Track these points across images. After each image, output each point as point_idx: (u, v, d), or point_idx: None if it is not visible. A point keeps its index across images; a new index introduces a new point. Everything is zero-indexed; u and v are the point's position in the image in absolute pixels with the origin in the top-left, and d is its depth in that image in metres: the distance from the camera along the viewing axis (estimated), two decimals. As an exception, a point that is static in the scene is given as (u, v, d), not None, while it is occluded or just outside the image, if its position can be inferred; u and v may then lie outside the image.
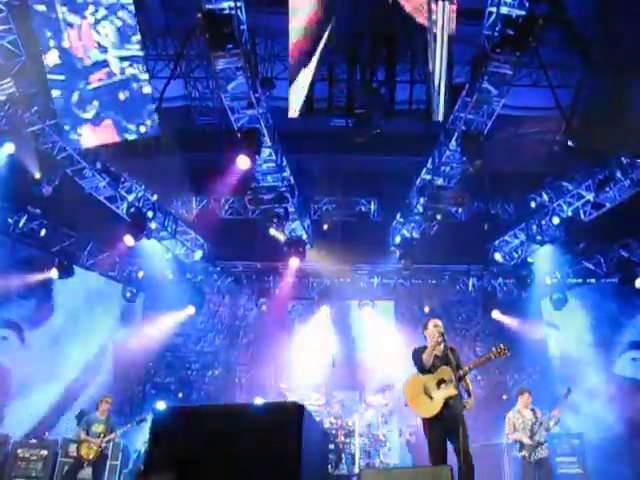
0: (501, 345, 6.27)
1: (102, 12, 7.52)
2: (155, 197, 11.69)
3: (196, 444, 3.53)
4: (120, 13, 7.47)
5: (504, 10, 7.59)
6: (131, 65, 7.91)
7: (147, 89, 7.98)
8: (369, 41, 9.12)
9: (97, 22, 7.59)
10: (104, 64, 7.91)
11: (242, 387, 13.50)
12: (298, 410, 3.61)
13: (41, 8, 7.76)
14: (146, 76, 7.86)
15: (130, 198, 11.16)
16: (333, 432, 10.03)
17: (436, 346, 6.25)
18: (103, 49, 7.83)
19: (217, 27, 7.49)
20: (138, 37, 7.59)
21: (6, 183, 9.88)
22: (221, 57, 8.01)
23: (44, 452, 10.22)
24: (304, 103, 9.52)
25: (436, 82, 8.67)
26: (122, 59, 7.87)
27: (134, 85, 8.04)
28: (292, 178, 11.16)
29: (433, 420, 6.10)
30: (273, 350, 13.70)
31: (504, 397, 12.63)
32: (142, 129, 8.26)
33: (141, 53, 7.80)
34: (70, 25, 7.67)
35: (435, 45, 8.26)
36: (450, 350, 6.29)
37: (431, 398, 6.14)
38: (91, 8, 7.48)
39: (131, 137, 9.12)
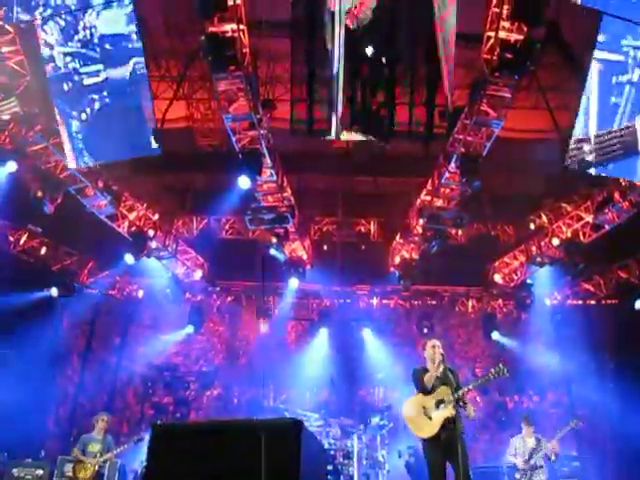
0: (500, 365, 6.26)
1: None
2: (156, 216, 11.75)
3: (195, 459, 3.53)
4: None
5: (502, 35, 7.69)
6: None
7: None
8: (370, 63, 9.21)
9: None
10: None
11: (241, 407, 13.41)
12: (297, 426, 3.61)
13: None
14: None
15: (131, 217, 11.21)
16: (332, 453, 9.94)
17: (438, 368, 6.24)
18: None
19: (220, 50, 7.61)
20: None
21: (8, 201, 9.94)
22: (223, 79, 8.13)
23: (39, 472, 10.09)
24: (305, 124, 9.62)
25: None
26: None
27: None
28: (292, 198, 11.22)
29: (432, 441, 6.06)
30: (272, 370, 13.64)
31: (503, 419, 12.55)
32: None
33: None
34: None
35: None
36: (449, 371, 6.29)
37: (430, 418, 6.10)
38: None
39: (134, 156, 9.19)
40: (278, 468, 3.43)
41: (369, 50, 8.54)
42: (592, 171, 8.54)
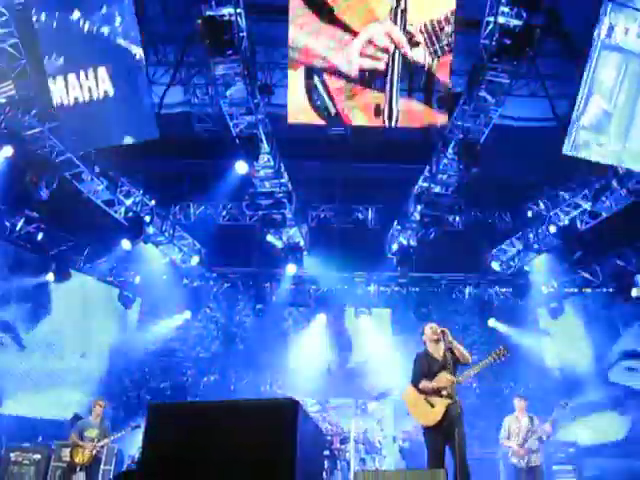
0: (500, 347, 6.29)
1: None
2: (153, 202, 11.72)
3: (191, 440, 3.54)
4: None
5: (502, 20, 7.64)
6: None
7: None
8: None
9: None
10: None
11: (237, 393, 13.45)
12: (293, 406, 3.62)
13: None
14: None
15: (128, 202, 11.17)
16: (329, 438, 10.01)
17: (438, 347, 6.33)
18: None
19: (217, 33, 7.56)
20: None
21: (4, 186, 9.89)
22: (220, 63, 8.08)
23: (37, 456, 10.17)
24: (303, 110, 9.58)
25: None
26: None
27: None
28: (290, 184, 11.19)
29: (434, 428, 6.05)
30: (269, 356, 13.70)
31: (499, 405, 12.59)
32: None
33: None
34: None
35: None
36: (450, 351, 6.30)
37: (432, 406, 6.09)
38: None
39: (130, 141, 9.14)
40: (274, 448, 3.44)
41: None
42: (590, 158, 8.53)
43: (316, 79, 9.01)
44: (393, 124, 9.12)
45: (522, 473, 8.22)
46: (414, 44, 8.61)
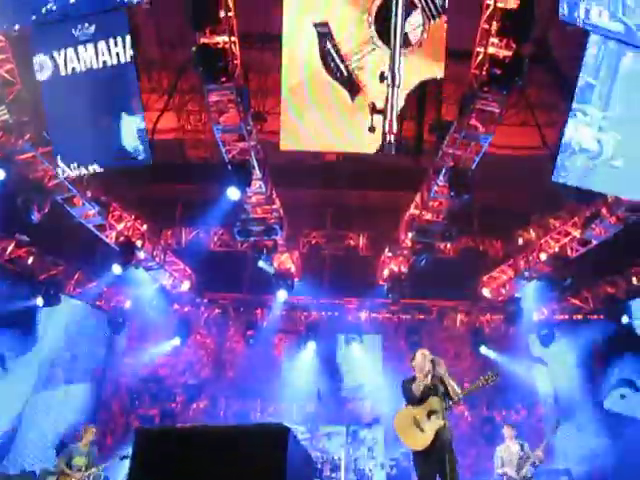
0: (489, 372, 6.28)
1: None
2: (145, 227, 11.71)
3: (179, 465, 3.50)
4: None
5: (491, 50, 7.80)
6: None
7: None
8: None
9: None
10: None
11: (227, 420, 13.31)
12: (283, 432, 3.59)
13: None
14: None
15: (119, 227, 11.15)
16: (319, 466, 9.90)
17: (426, 376, 6.28)
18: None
19: (211, 61, 7.63)
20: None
21: (-5, 209, 9.88)
22: (214, 90, 8.15)
23: (22, 484, 10.00)
24: (295, 137, 9.65)
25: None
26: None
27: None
28: (281, 210, 11.23)
29: (424, 453, 6.00)
30: (259, 383, 13.58)
31: (491, 434, 12.50)
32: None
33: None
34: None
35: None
36: (440, 381, 6.28)
37: (422, 430, 6.05)
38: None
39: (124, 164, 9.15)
40: (264, 474, 3.41)
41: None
42: (580, 186, 8.61)
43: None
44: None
45: None
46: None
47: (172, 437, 3.84)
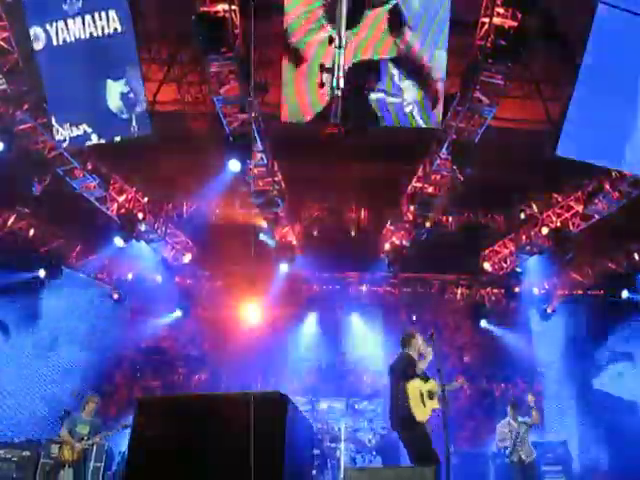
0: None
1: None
2: (146, 199, 11.67)
3: (179, 431, 3.53)
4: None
5: (497, 21, 7.66)
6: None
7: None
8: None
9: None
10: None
11: (228, 391, 13.41)
12: (282, 399, 3.62)
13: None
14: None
15: (120, 199, 11.12)
16: (319, 437, 10.00)
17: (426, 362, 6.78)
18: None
19: (211, 30, 7.52)
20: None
21: (-5, 181, 9.84)
22: (214, 60, 8.04)
23: (26, 453, 10.11)
24: (296, 109, 9.54)
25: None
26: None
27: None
28: (283, 183, 11.17)
29: (425, 425, 6.50)
30: (260, 355, 13.66)
31: (490, 407, 12.62)
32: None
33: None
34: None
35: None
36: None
37: (424, 406, 6.51)
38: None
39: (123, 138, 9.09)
40: (263, 441, 3.44)
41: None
42: (583, 160, 8.54)
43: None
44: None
45: (519, 469, 8.50)
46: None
47: (172, 405, 3.87)
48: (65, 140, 8.71)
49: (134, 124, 8.60)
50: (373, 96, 8.73)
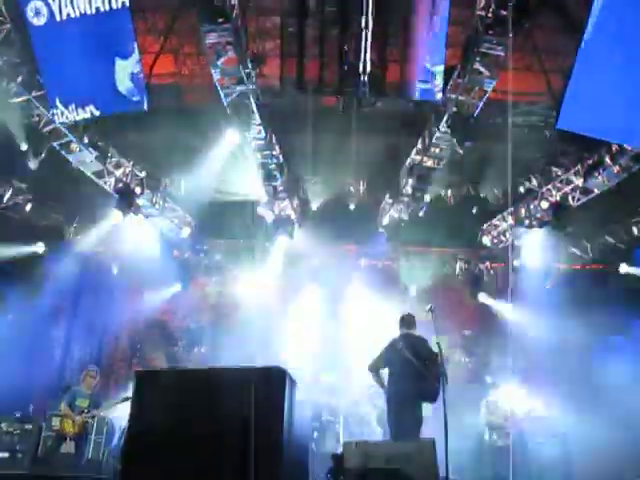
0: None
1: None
2: (143, 173, 11.59)
3: (178, 403, 3.55)
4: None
5: (498, -10, 7.52)
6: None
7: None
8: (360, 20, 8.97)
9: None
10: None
11: (228, 364, 13.47)
12: (281, 373, 3.63)
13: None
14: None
15: (118, 173, 11.04)
16: (319, 411, 10.08)
17: None
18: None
19: (208, 0, 7.39)
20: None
21: (-9, 156, 9.76)
22: (211, 31, 7.91)
23: (28, 426, 10.19)
24: (294, 82, 9.44)
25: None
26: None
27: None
28: (282, 156, 11.09)
29: None
30: (259, 329, 13.70)
31: (488, 380, 12.69)
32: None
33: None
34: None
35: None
36: None
37: None
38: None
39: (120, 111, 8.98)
40: (262, 414, 3.46)
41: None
42: (584, 133, 8.46)
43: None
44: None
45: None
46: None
47: (171, 378, 3.87)
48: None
49: (145, 107, 8.38)
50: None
